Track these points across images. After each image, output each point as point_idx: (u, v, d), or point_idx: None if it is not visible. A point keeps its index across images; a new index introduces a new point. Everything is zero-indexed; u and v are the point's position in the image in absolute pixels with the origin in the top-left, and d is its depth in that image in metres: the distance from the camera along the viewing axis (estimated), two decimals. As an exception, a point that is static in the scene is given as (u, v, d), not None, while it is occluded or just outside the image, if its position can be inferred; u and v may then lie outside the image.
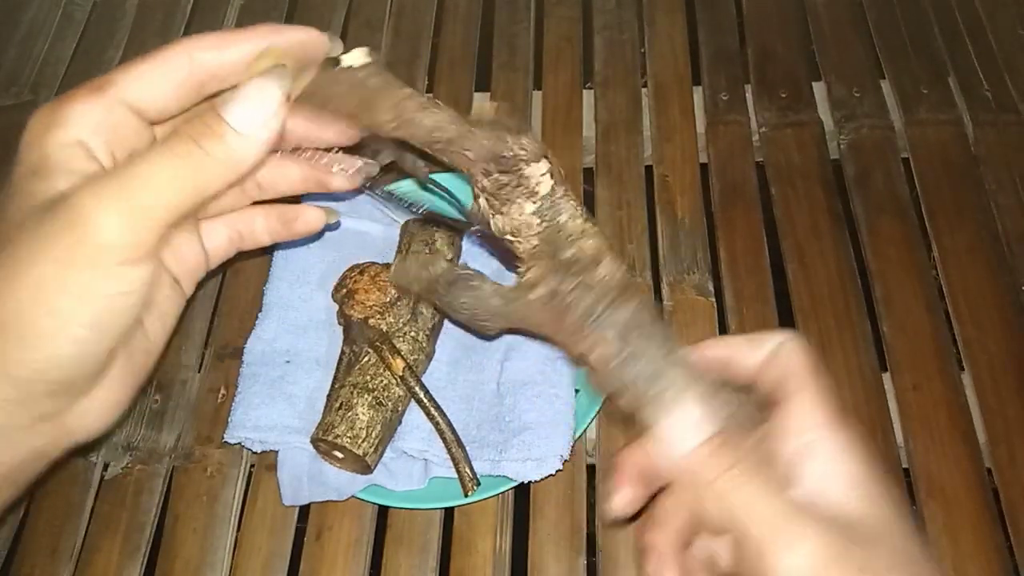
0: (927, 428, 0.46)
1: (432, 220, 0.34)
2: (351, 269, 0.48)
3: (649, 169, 0.58)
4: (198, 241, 0.30)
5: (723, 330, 0.51)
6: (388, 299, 0.46)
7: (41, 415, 0.25)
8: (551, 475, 0.43)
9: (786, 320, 0.51)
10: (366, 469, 0.44)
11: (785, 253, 0.54)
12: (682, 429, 0.26)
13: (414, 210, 0.38)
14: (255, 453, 0.48)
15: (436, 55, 0.66)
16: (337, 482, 0.45)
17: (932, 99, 0.60)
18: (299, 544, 0.46)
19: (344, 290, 0.47)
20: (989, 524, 0.43)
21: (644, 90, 0.62)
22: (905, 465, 0.46)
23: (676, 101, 0.61)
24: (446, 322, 0.49)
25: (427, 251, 0.48)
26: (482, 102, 0.24)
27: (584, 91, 0.63)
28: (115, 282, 0.23)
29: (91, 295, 0.23)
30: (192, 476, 0.48)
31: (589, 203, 0.56)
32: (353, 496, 0.44)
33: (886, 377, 0.49)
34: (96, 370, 0.25)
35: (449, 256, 0.49)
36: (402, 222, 0.51)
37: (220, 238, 0.31)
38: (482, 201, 0.31)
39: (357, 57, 0.30)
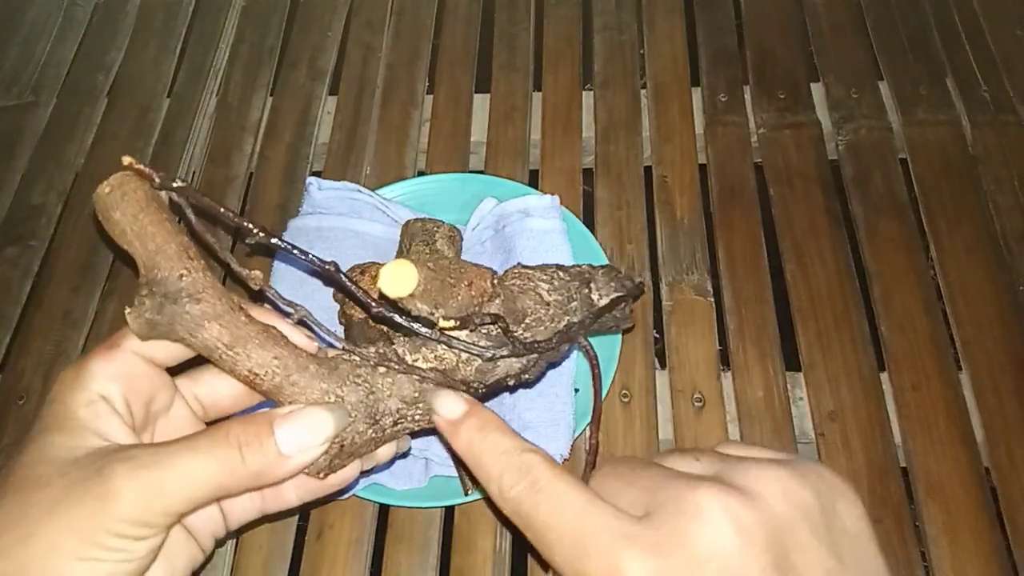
0: (925, 428, 0.47)
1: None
2: (352, 269, 0.48)
3: (648, 170, 0.58)
4: (215, 507, 0.32)
5: (722, 330, 0.51)
6: (388, 299, 0.46)
7: None
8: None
9: (784, 319, 0.51)
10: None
11: (783, 253, 0.54)
12: None
13: None
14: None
15: (436, 56, 0.66)
16: (338, 481, 0.45)
17: (930, 100, 0.60)
18: (300, 542, 0.46)
19: (345, 290, 0.48)
20: (988, 524, 0.44)
21: (643, 91, 0.63)
22: (903, 464, 0.46)
23: (675, 102, 0.61)
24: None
25: (427, 251, 0.48)
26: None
27: (584, 92, 0.63)
28: (120, 553, 0.26)
29: (96, 562, 0.25)
30: (193, 475, 0.48)
31: (588, 203, 0.57)
32: (354, 495, 0.45)
33: (884, 377, 0.49)
34: None
35: (450, 255, 0.49)
36: (403, 222, 0.51)
37: (243, 502, 0.33)
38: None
39: None
